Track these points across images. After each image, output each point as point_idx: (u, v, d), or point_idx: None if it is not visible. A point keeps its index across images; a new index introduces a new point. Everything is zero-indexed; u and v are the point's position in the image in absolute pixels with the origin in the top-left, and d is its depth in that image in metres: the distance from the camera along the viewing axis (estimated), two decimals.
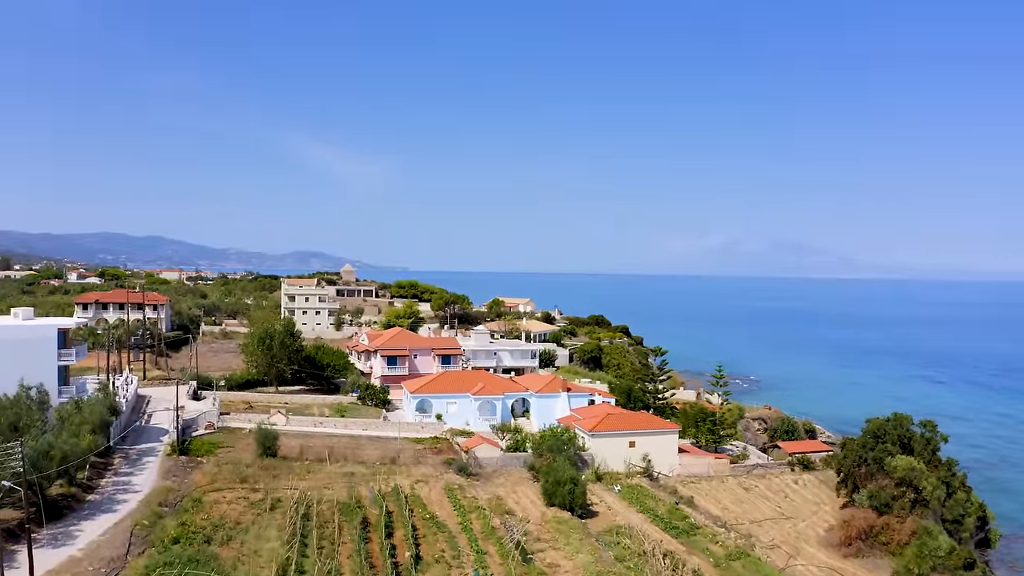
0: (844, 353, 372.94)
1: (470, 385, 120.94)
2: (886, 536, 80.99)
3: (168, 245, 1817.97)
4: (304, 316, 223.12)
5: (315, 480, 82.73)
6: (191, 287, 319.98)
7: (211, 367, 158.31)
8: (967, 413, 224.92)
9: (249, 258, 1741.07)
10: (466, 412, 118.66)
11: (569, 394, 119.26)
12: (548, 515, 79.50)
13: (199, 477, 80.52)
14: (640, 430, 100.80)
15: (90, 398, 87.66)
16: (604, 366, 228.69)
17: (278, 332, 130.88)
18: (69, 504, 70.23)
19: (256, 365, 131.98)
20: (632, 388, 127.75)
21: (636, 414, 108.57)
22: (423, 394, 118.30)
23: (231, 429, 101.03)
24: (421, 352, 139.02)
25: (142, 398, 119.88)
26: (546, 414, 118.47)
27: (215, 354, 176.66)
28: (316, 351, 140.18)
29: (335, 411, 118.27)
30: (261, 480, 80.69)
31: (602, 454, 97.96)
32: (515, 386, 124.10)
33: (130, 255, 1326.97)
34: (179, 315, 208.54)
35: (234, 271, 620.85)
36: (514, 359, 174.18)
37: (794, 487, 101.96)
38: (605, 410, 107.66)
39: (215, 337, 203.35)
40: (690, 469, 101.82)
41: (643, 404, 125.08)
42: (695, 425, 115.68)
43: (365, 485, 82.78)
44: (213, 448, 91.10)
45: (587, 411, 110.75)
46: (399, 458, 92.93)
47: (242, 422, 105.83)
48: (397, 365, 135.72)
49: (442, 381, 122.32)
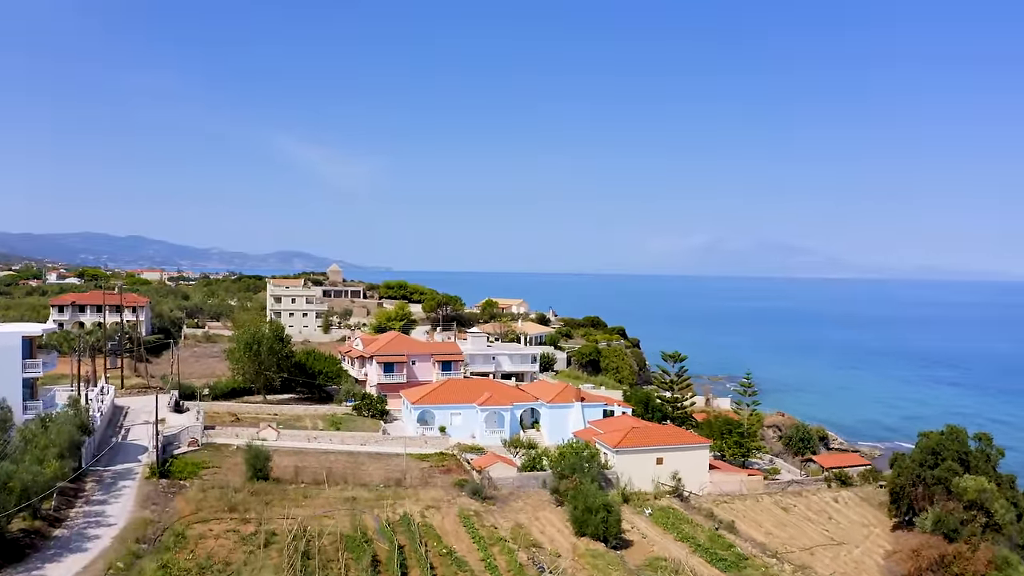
0: (840, 354, 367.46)
1: (475, 394, 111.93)
2: (959, 566, 72.24)
3: (150, 245, 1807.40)
4: (291, 318, 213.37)
5: (313, 507, 73.38)
6: (172, 288, 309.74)
7: (194, 373, 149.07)
8: (976, 416, 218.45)
9: (231, 258, 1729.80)
10: (472, 424, 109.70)
11: (583, 404, 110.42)
12: (580, 547, 70.40)
13: (182, 505, 71.00)
14: (668, 445, 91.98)
15: (59, 414, 78.05)
16: (603, 369, 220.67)
17: (266, 337, 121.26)
18: (32, 542, 60.45)
19: (243, 373, 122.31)
20: (649, 397, 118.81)
21: (662, 427, 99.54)
22: (425, 405, 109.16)
23: (217, 446, 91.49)
24: (420, 358, 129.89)
25: (119, 409, 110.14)
26: (558, 426, 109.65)
27: (198, 359, 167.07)
28: (307, 357, 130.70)
29: (329, 423, 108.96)
30: (252, 508, 71.21)
31: (627, 472, 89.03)
32: (524, 395, 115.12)
33: (111, 255, 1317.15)
34: (160, 317, 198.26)
35: (216, 271, 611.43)
36: (513, 363, 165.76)
37: (835, 506, 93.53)
38: (627, 423, 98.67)
39: (198, 340, 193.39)
40: (722, 487, 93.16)
41: (661, 414, 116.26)
42: (720, 437, 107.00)
43: (370, 512, 73.50)
44: (197, 469, 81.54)
45: (607, 424, 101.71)
46: (405, 479, 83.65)
47: (229, 437, 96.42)
48: (394, 372, 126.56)
49: (445, 390, 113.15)
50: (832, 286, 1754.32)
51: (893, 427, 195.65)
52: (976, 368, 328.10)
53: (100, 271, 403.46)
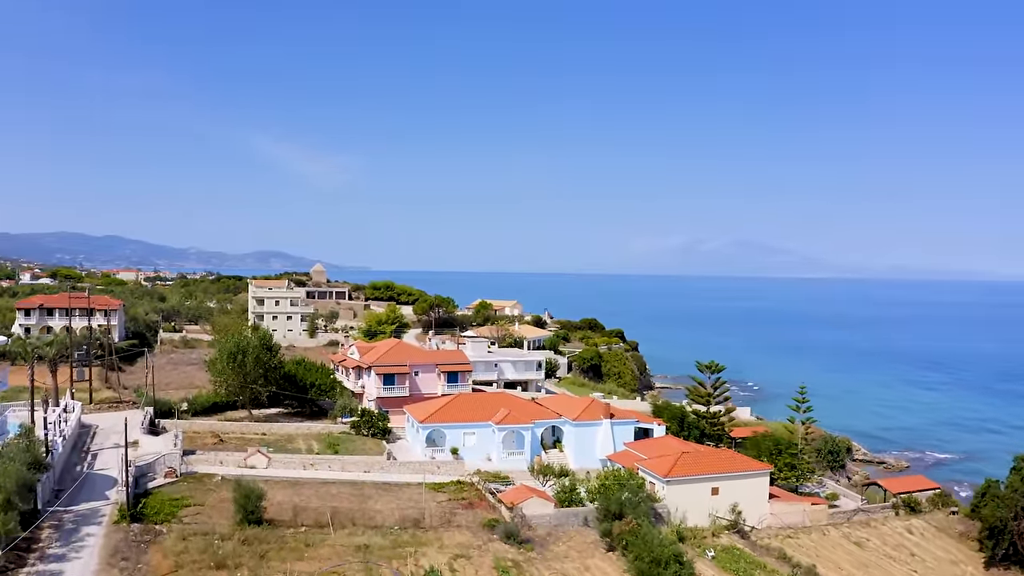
0: (833, 355, 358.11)
1: (490, 410, 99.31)
2: None
3: (127, 245, 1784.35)
4: (274, 322, 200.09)
5: (319, 559, 60.51)
6: (148, 289, 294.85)
7: (171, 383, 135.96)
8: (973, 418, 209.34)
9: (209, 258, 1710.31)
10: (487, 445, 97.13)
11: (612, 421, 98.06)
12: None
13: (158, 559, 57.95)
14: (725, 473, 79.74)
15: (7, 446, 64.80)
16: (604, 375, 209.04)
17: (252, 346, 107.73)
18: None
19: (226, 386, 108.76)
20: (683, 413, 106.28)
21: (714, 451, 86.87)
22: (435, 423, 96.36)
23: (198, 477, 78.28)
24: (423, 368, 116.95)
25: (87, 429, 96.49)
26: (586, 447, 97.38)
27: (175, 367, 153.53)
28: (297, 367, 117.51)
29: (326, 445, 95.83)
30: (244, 563, 58.26)
31: (680, 506, 76.75)
32: (545, 412, 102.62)
33: (88, 255, 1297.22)
34: (134, 321, 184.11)
35: (194, 271, 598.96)
36: (517, 371, 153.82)
37: (911, 538, 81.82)
38: (674, 446, 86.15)
39: (175, 346, 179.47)
40: (783, 519, 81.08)
41: (699, 432, 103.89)
42: (769, 458, 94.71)
43: (388, 565, 60.77)
44: (176, 508, 68.31)
45: (648, 447, 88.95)
46: (423, 518, 70.91)
47: (212, 464, 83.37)
48: (395, 385, 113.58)
49: (456, 406, 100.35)
50: (811, 286, 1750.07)
51: (915, 433, 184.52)
52: (970, 369, 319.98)
53: (74, 271, 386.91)
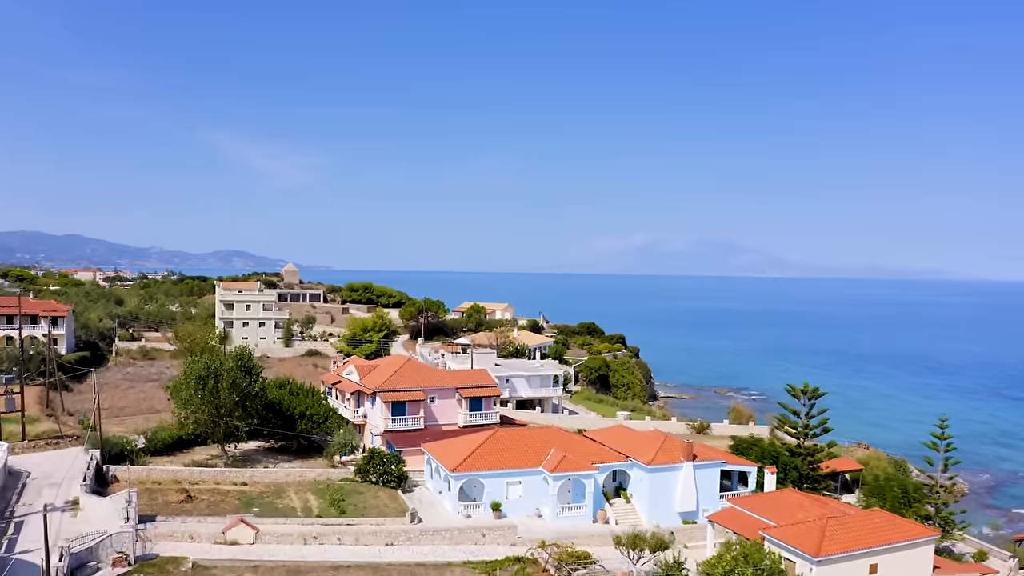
0: (834, 358, 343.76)
1: (539, 452, 77.31)
2: None
3: (88, 244, 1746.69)
4: (245, 328, 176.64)
5: None
6: (106, 291, 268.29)
7: (127, 408, 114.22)
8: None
9: (171, 257, 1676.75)
10: (537, 496, 75.25)
11: (695, 464, 76.66)
12: None
13: None
14: (885, 545, 58.32)
15: None
16: (612, 386, 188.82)
17: (227, 368, 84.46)
18: None
19: (194, 420, 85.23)
20: (778, 452, 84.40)
21: (866, 514, 64.35)
22: (470, 472, 73.92)
23: (160, 564, 55.60)
24: (440, 393, 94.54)
25: (15, 478, 73.14)
26: (661, 499, 75.84)
27: (131, 385, 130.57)
28: (281, 392, 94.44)
29: (327, 500, 73.14)
30: None
31: None
32: (606, 452, 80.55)
33: (48, 254, 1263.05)
34: (86, 329, 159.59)
35: (155, 271, 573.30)
36: (532, 387, 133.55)
37: None
38: (811, 507, 64.07)
39: (132, 357, 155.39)
40: None
41: (796, 475, 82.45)
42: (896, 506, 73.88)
43: None
44: None
45: (765, 505, 66.71)
46: None
47: (179, 539, 60.96)
48: (407, 415, 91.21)
49: (494, 449, 77.68)
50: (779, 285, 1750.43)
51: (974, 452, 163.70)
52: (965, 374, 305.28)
53: (28, 271, 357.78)
